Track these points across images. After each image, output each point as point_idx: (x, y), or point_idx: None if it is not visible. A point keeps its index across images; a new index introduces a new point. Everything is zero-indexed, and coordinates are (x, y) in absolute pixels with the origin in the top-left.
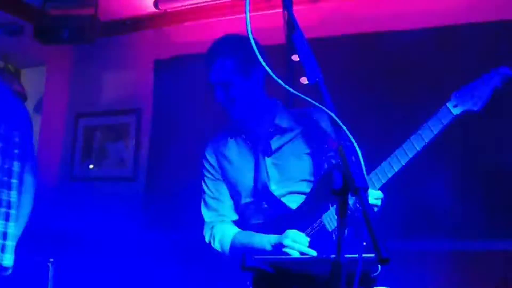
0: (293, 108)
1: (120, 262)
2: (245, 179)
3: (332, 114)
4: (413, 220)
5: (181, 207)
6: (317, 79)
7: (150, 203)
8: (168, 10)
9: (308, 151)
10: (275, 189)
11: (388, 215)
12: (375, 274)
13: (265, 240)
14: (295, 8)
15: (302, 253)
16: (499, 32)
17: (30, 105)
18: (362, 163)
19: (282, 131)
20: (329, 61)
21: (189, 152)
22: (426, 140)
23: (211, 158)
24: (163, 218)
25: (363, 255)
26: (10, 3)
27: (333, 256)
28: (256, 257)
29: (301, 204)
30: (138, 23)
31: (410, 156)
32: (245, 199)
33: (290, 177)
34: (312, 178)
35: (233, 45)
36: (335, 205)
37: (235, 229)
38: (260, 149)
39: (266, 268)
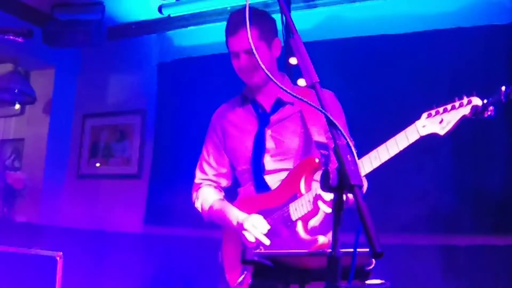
0: (297, 85)
1: (125, 257)
2: (245, 146)
3: (328, 115)
4: (409, 216)
5: (184, 203)
6: (314, 82)
7: (154, 200)
8: (172, 15)
9: (303, 130)
10: (269, 161)
11: (385, 211)
12: (369, 267)
13: (234, 216)
14: (293, 13)
15: (257, 239)
16: (492, 36)
17: (39, 106)
18: (357, 161)
19: (284, 105)
20: (326, 64)
21: (191, 151)
22: (391, 153)
23: (217, 124)
24: (167, 214)
25: (358, 249)
26: (20, 8)
27: (330, 250)
28: (255, 251)
29: (277, 188)
30: (143, 27)
31: (375, 165)
32: (242, 166)
33: (285, 152)
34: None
35: (257, 15)
36: (302, 196)
37: (217, 196)
38: (262, 119)
39: (265, 262)
